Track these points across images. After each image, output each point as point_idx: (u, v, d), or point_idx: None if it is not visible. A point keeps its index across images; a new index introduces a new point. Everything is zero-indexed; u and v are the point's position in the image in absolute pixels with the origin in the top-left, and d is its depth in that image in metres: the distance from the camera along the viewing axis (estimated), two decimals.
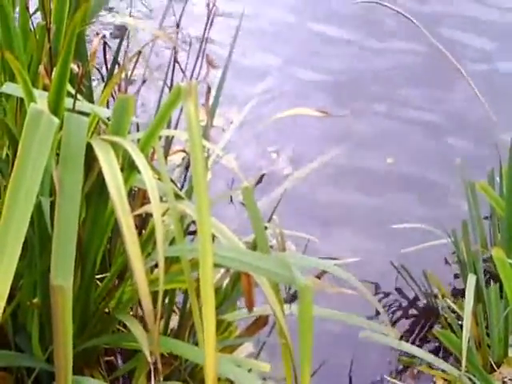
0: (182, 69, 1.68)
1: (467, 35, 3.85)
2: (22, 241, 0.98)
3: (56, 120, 1.09)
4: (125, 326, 1.45)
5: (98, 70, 1.78)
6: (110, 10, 3.35)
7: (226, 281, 1.62)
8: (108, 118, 1.34)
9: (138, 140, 1.33)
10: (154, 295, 1.09)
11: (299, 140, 3.08)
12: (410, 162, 3.03)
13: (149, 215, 1.57)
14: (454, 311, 2.18)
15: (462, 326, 1.82)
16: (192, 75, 1.75)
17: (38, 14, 1.57)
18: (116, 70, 1.70)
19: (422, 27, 2.01)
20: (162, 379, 1.44)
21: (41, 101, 1.25)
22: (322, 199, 2.81)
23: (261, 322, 1.63)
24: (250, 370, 1.59)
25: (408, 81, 3.51)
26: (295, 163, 2.91)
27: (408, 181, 2.93)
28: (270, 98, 3.26)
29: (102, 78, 2.05)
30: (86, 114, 1.32)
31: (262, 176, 2.84)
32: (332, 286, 1.38)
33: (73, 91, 1.33)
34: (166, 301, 1.61)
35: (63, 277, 1.03)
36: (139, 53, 1.59)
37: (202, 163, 1.10)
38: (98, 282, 1.47)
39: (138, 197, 1.61)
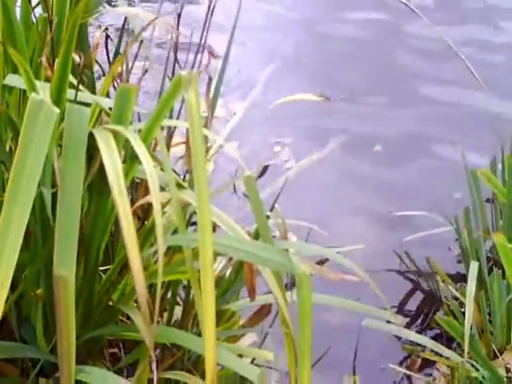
0: (178, 61, 1.68)
1: None
2: (24, 230, 0.99)
3: (56, 109, 1.09)
4: (128, 317, 1.46)
5: (99, 64, 1.78)
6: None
7: (229, 270, 1.63)
8: (110, 109, 1.35)
9: (140, 130, 1.34)
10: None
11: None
12: None
13: (151, 206, 1.58)
14: (456, 298, 2.18)
15: (464, 313, 1.82)
16: (193, 65, 1.75)
17: (41, 6, 1.57)
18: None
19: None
20: (164, 369, 1.45)
21: (43, 92, 1.26)
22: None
23: (264, 311, 1.63)
24: (253, 359, 1.60)
25: None
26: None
27: None
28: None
29: (103, 72, 2.05)
30: (89, 105, 1.33)
31: (266, 167, 2.84)
32: (333, 272, 1.38)
33: (75, 83, 1.34)
34: (170, 292, 1.62)
35: (66, 267, 1.04)
36: (141, 42, 1.60)
37: (202, 151, 1.10)
38: (101, 273, 1.48)
39: (140, 188, 1.61)
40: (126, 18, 1.80)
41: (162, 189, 1.40)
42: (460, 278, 2.34)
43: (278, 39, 3.78)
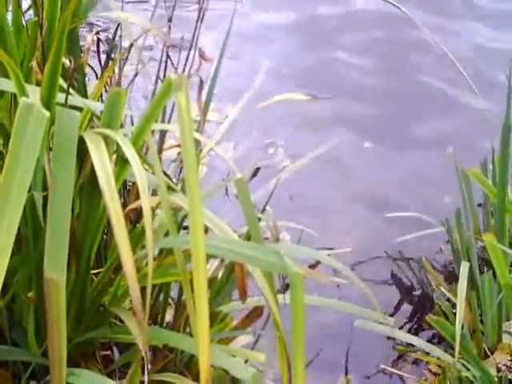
0: (172, 63, 1.68)
1: None
2: (15, 234, 0.99)
3: (46, 113, 1.10)
4: (121, 319, 1.46)
5: (91, 67, 1.79)
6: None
7: (221, 272, 1.63)
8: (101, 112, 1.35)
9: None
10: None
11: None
12: None
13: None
14: (448, 299, 2.19)
15: (456, 314, 1.83)
16: (184, 69, 1.76)
17: (31, 10, 1.58)
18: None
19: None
20: (156, 371, 1.45)
21: (33, 96, 1.26)
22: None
23: (255, 313, 1.64)
24: (246, 361, 1.60)
25: None
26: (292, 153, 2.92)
27: None
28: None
29: (96, 76, 2.05)
30: (80, 109, 1.33)
31: (258, 169, 2.84)
32: (325, 276, 1.39)
33: (66, 86, 1.34)
34: (162, 294, 1.62)
35: (57, 270, 1.04)
36: (131, 45, 1.60)
37: (193, 154, 1.11)
38: (93, 276, 1.48)
39: (132, 191, 1.62)
40: (118, 24, 1.80)
41: (156, 192, 1.40)
42: (452, 279, 2.35)
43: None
